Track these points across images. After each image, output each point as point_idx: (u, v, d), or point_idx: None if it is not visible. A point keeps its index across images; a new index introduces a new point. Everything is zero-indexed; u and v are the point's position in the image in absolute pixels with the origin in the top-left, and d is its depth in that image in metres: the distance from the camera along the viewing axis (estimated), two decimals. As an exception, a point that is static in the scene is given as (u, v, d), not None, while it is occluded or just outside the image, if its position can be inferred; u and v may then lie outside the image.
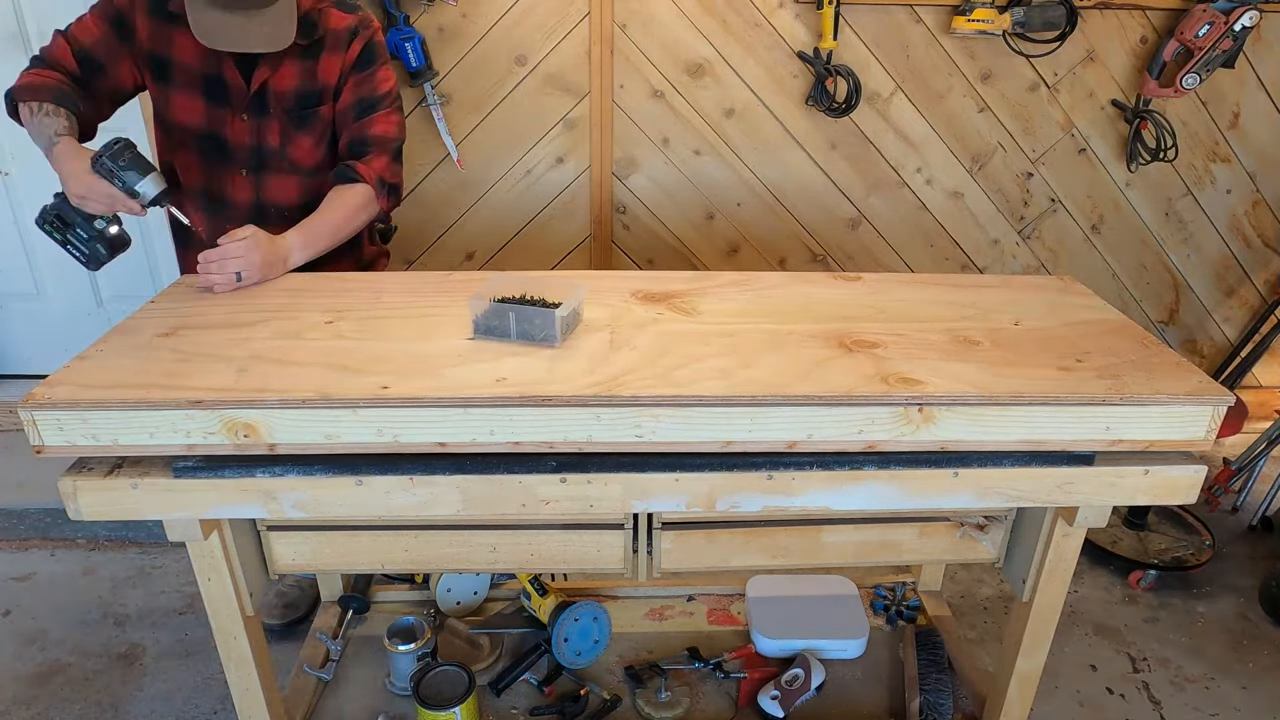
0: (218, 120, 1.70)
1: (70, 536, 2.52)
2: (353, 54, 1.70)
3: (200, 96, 1.68)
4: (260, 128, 1.71)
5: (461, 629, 1.96)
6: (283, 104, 1.70)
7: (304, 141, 1.75)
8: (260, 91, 1.68)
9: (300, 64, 1.69)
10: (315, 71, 1.70)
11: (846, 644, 1.90)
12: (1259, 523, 2.59)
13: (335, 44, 1.69)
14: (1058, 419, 1.24)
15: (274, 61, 1.66)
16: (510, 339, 1.37)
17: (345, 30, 1.69)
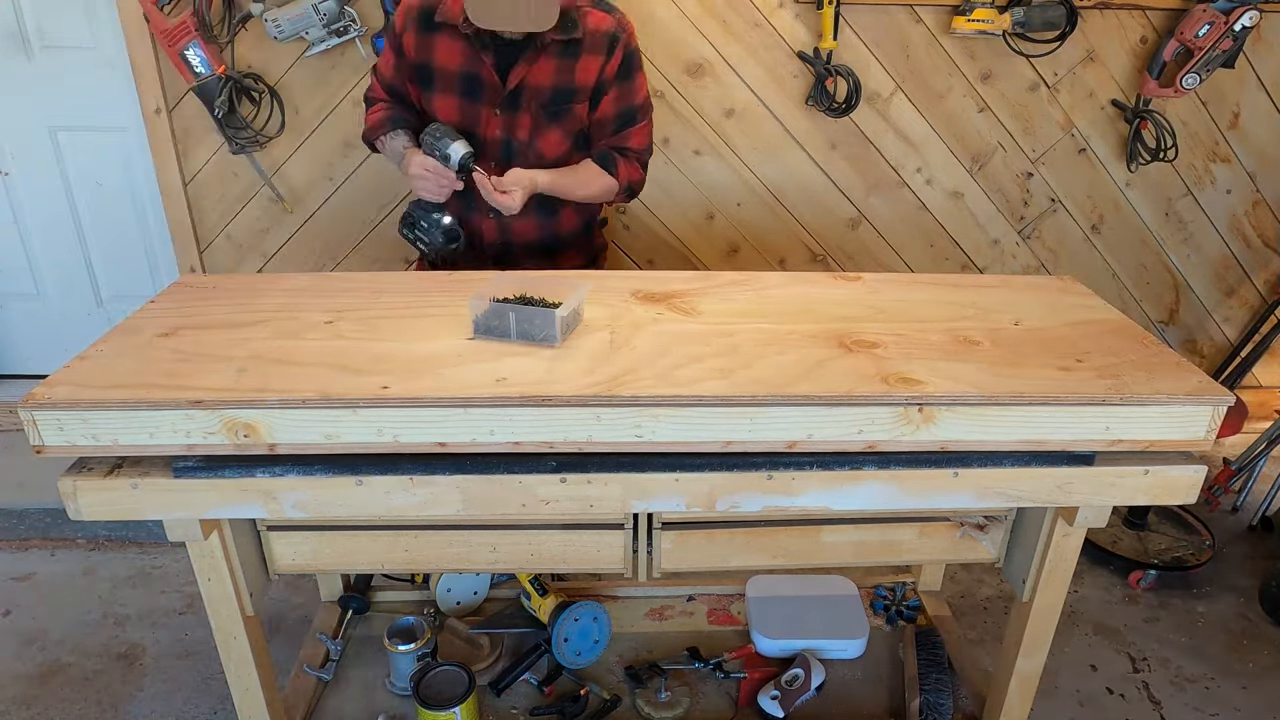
0: (472, 116, 1.78)
1: (70, 536, 2.52)
2: (615, 63, 1.76)
3: (456, 95, 1.77)
4: (511, 122, 1.78)
5: (461, 629, 1.96)
6: (538, 99, 1.76)
7: (553, 135, 1.81)
8: (517, 87, 1.74)
9: (558, 61, 1.73)
10: (573, 70, 1.75)
11: (846, 644, 1.90)
12: (1259, 523, 2.59)
13: (595, 46, 1.74)
14: (1058, 419, 1.24)
15: (532, 58, 1.72)
16: (510, 339, 1.37)
17: (605, 34, 1.74)
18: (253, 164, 2.63)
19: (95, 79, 2.62)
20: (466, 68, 1.74)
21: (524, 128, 1.78)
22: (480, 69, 1.74)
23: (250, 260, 2.82)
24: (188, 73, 2.42)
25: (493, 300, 1.37)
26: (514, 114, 1.77)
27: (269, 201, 2.72)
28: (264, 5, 2.39)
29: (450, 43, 1.73)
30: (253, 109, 2.55)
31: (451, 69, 1.75)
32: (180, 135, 2.61)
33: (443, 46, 1.74)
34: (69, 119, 2.68)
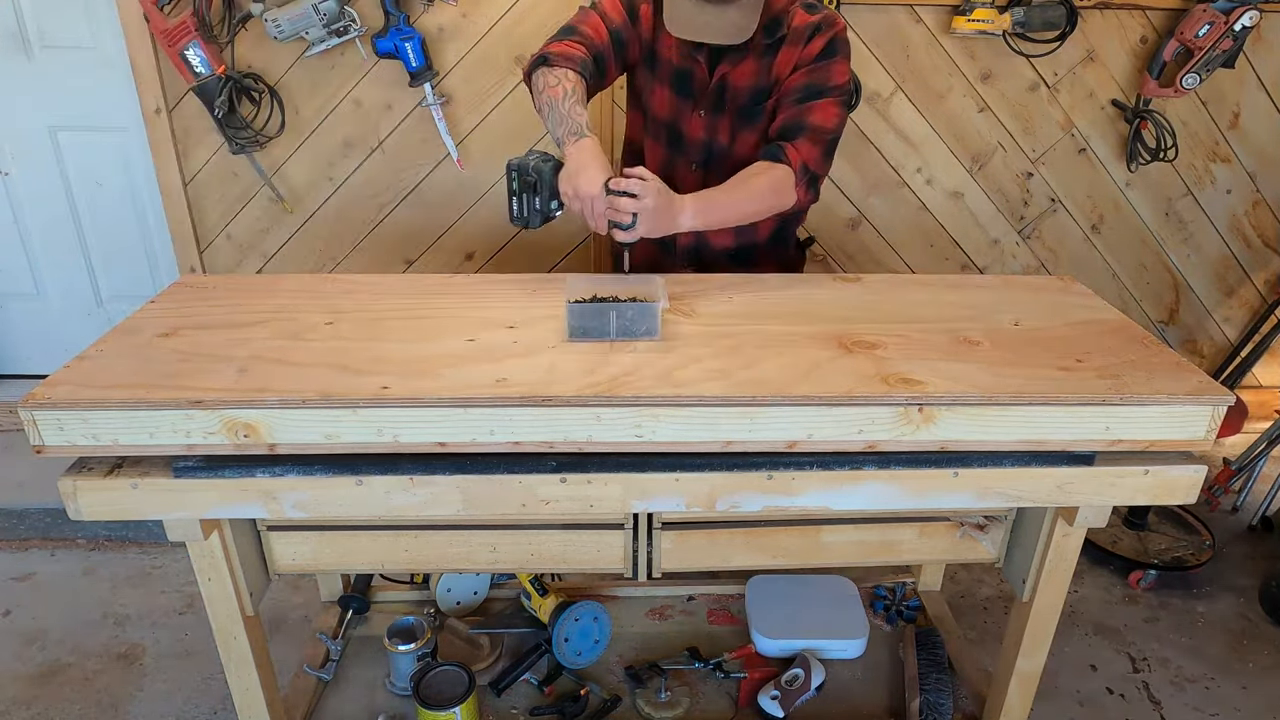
0: (681, 113, 1.74)
1: (70, 536, 2.52)
2: (813, 49, 1.65)
3: (670, 89, 1.73)
4: (714, 124, 1.73)
5: (461, 629, 1.96)
6: (737, 100, 1.70)
7: (750, 138, 1.73)
8: (719, 86, 1.69)
9: (759, 61, 1.67)
10: (771, 67, 1.68)
11: (846, 644, 1.90)
12: (1259, 523, 2.59)
13: (795, 40, 1.66)
14: (1058, 419, 1.24)
15: (735, 58, 1.67)
16: (609, 337, 1.37)
17: (807, 27, 1.65)
18: (253, 164, 2.63)
19: (95, 79, 2.62)
20: (682, 63, 1.70)
21: (724, 131, 1.73)
22: (695, 66, 1.69)
23: (250, 260, 2.82)
24: (188, 73, 2.42)
25: (594, 299, 1.39)
26: (717, 116, 1.72)
27: (269, 201, 2.72)
28: (264, 5, 2.39)
29: (669, 35, 1.66)
30: (253, 109, 2.55)
31: (671, 60, 1.71)
32: (180, 135, 2.61)
33: (667, 36, 1.67)
34: (69, 119, 2.68)
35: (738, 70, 1.68)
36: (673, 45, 1.69)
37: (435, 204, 2.74)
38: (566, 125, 1.55)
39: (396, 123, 2.62)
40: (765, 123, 1.72)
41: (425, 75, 2.48)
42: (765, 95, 1.70)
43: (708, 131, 1.74)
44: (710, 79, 1.69)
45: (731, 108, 1.71)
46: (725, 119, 1.73)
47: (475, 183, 2.71)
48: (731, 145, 1.75)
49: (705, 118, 1.73)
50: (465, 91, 2.59)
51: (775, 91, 1.69)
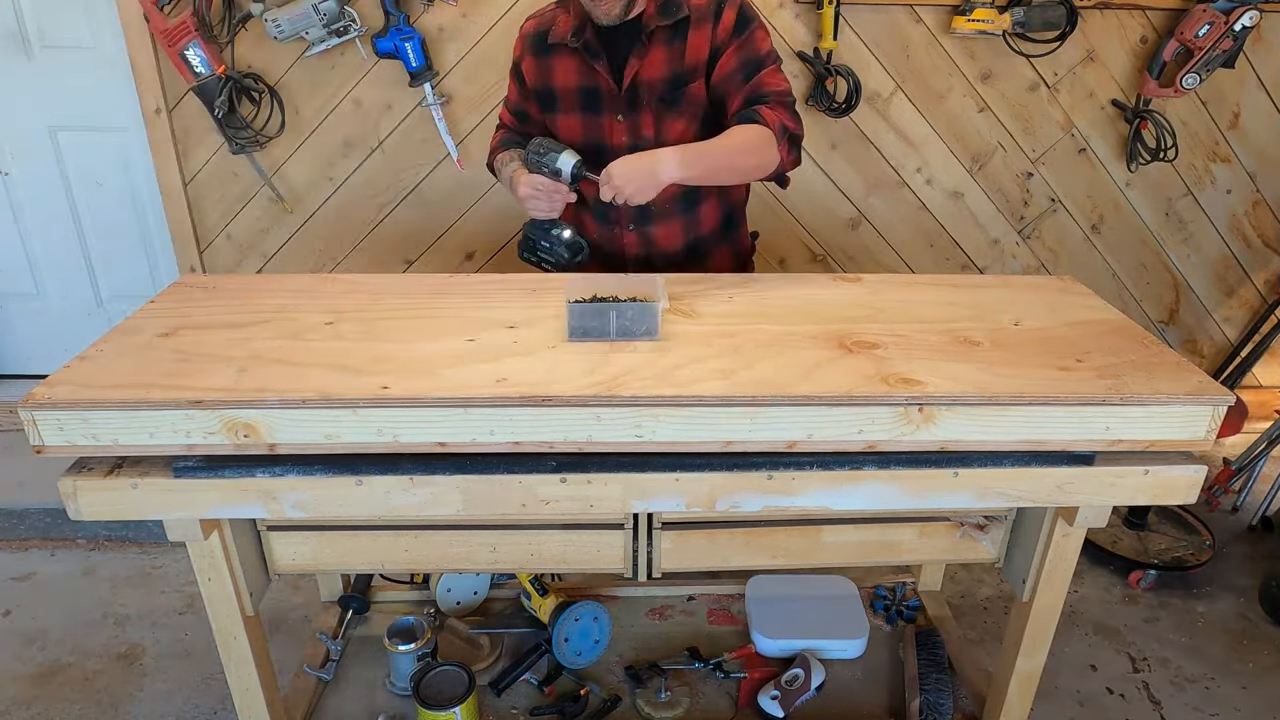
0: (595, 129, 1.76)
1: (70, 536, 2.52)
2: (727, 23, 1.65)
3: (577, 112, 1.76)
4: (635, 124, 1.74)
5: (461, 629, 1.96)
6: (654, 92, 1.70)
7: (677, 125, 1.73)
8: (632, 86, 1.70)
9: (667, 48, 1.68)
10: (683, 51, 1.68)
11: (846, 644, 1.90)
12: (1259, 523, 2.59)
13: (701, 20, 1.66)
14: (1058, 419, 1.24)
15: (642, 52, 1.68)
16: (610, 337, 1.38)
17: (709, 4, 1.66)
18: (253, 164, 2.63)
19: (95, 79, 2.62)
20: (583, 82, 1.73)
21: (647, 125, 1.74)
22: (596, 79, 1.71)
23: (250, 260, 2.82)
24: (188, 73, 2.42)
25: (594, 299, 1.39)
26: (635, 115, 1.73)
27: (269, 201, 2.72)
28: (264, 5, 2.39)
29: (565, 61, 1.72)
30: (253, 109, 2.55)
31: (570, 87, 1.74)
32: (180, 135, 2.61)
33: (560, 66, 1.73)
34: (69, 119, 2.68)
35: (647, 63, 1.68)
36: (568, 70, 1.73)
37: (435, 204, 2.74)
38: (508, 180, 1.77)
39: (396, 123, 2.62)
40: (693, 107, 1.71)
41: (425, 75, 2.48)
42: (684, 80, 1.69)
43: (630, 134, 1.74)
44: (619, 82, 1.70)
45: (649, 101, 1.71)
46: (645, 114, 1.73)
47: (475, 183, 2.71)
48: (659, 136, 1.74)
49: (624, 121, 1.74)
50: (465, 91, 2.59)
51: (696, 76, 1.68)
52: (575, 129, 1.77)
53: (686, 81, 1.69)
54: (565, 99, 1.76)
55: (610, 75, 1.70)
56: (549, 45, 1.74)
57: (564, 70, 1.74)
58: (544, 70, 1.76)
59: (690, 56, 1.68)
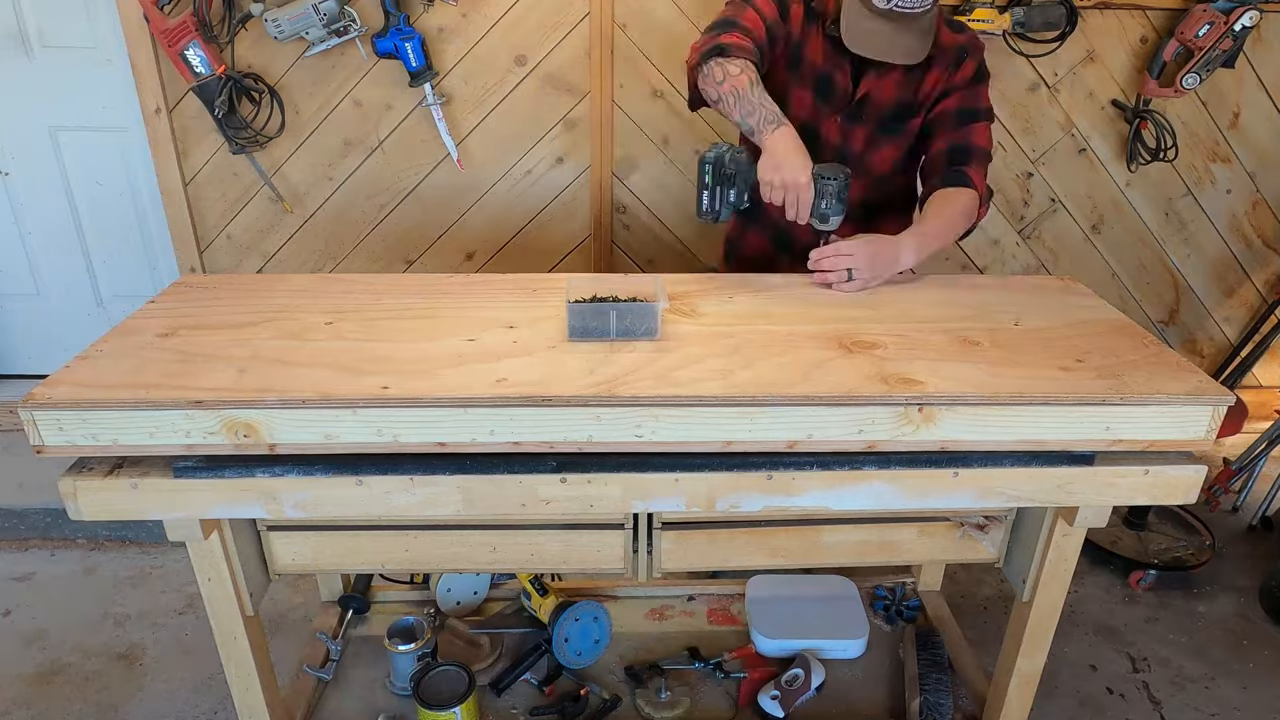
0: (818, 116, 1.75)
1: (70, 536, 2.52)
2: (964, 74, 1.70)
3: (811, 91, 1.74)
4: (849, 131, 1.75)
5: (462, 629, 1.96)
6: (877, 112, 1.72)
7: (886, 150, 1.77)
8: (863, 98, 1.71)
9: (905, 77, 1.70)
10: (918, 85, 1.71)
11: (846, 644, 1.90)
12: (1259, 523, 2.59)
13: (943, 61, 1.69)
14: (1058, 419, 1.24)
15: (882, 71, 1.68)
16: (609, 337, 1.38)
17: (954, 48, 1.69)
18: (253, 164, 2.63)
19: (95, 79, 2.62)
20: (826, 67, 1.71)
21: (860, 139, 1.76)
22: (836, 73, 1.71)
23: (250, 260, 2.82)
24: (188, 73, 2.42)
25: (594, 299, 1.39)
26: (854, 124, 1.74)
27: (269, 201, 2.72)
28: (264, 5, 2.39)
29: (819, 38, 1.70)
30: (253, 109, 2.55)
31: (816, 64, 1.72)
32: (180, 135, 2.61)
33: (814, 39, 1.71)
34: (69, 119, 2.68)
35: (883, 83, 1.70)
36: (819, 49, 1.70)
37: (435, 204, 2.74)
38: (760, 114, 1.57)
39: (396, 123, 2.62)
40: (905, 139, 1.76)
41: (425, 75, 2.48)
42: (910, 112, 1.73)
43: (842, 137, 1.75)
44: (853, 89, 1.71)
45: (871, 119, 1.73)
46: (863, 128, 1.74)
47: (475, 183, 2.71)
48: (865, 153, 1.77)
49: (841, 124, 1.74)
50: (465, 91, 2.59)
51: (920, 110, 1.73)
52: (804, 105, 1.74)
53: (912, 114, 1.73)
54: (808, 72, 1.73)
55: (848, 76, 1.71)
56: (814, 11, 1.70)
57: (815, 46, 1.71)
58: (805, 31, 1.71)
59: (923, 91, 1.71)
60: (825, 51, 1.70)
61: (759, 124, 1.57)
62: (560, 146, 2.68)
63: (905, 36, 1.58)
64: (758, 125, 1.57)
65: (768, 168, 1.56)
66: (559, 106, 2.62)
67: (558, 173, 2.71)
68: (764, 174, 1.56)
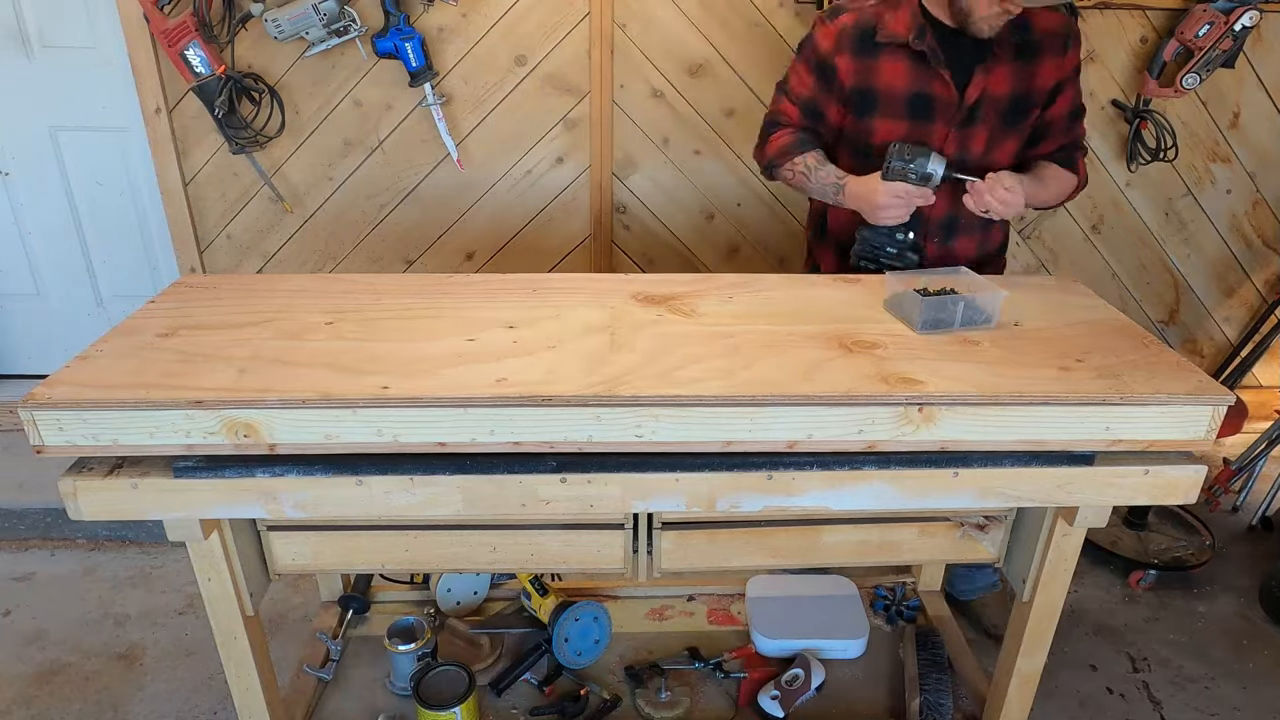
0: (922, 136, 1.70)
1: (70, 536, 2.52)
2: (1073, 60, 1.70)
3: (904, 117, 1.70)
4: (966, 137, 1.71)
5: (462, 629, 1.96)
6: (996, 109, 1.69)
7: (1009, 145, 1.74)
8: (977, 100, 1.67)
9: (1014, 65, 1.66)
10: (1032, 74, 1.68)
11: (846, 644, 1.90)
12: (1259, 523, 2.59)
13: (1053, 48, 1.67)
14: (1058, 419, 1.24)
15: (989, 67, 1.65)
16: (954, 328, 1.43)
17: (1061, 33, 1.67)
18: (253, 164, 2.63)
19: (95, 79, 2.62)
20: (915, 87, 1.67)
21: (979, 141, 1.71)
22: (932, 86, 1.66)
23: (250, 260, 2.82)
24: (188, 73, 2.42)
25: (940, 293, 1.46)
26: (969, 128, 1.70)
27: (269, 201, 2.72)
28: (264, 5, 2.39)
29: (895, 63, 1.66)
30: (253, 109, 2.55)
31: (898, 90, 1.67)
32: (180, 135, 2.61)
33: (887, 67, 1.66)
34: (69, 119, 2.68)
35: (994, 78, 1.66)
36: (897, 72, 1.66)
37: (435, 204, 2.74)
38: (828, 189, 1.74)
39: (396, 123, 2.62)
40: (1025, 130, 1.74)
41: (425, 75, 2.48)
42: (1029, 103, 1.70)
43: (959, 145, 1.71)
44: (960, 95, 1.66)
45: (990, 117, 1.69)
46: (982, 130, 1.70)
47: (475, 183, 2.71)
48: (987, 154, 1.73)
49: (956, 132, 1.70)
50: (465, 91, 2.59)
51: (1038, 103, 1.71)
52: (898, 134, 1.70)
53: (1031, 105, 1.71)
54: (890, 102, 1.69)
55: (952, 84, 1.66)
56: (876, 44, 1.66)
57: (892, 72, 1.67)
58: (867, 70, 1.68)
59: (1039, 81, 1.68)
60: (910, 72, 1.66)
61: (832, 197, 1.74)
62: (560, 146, 2.68)
63: None
64: (832, 198, 1.74)
65: (868, 214, 1.68)
66: (559, 106, 2.62)
67: (558, 173, 2.71)
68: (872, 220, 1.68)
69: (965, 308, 1.43)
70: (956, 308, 1.43)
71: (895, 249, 1.69)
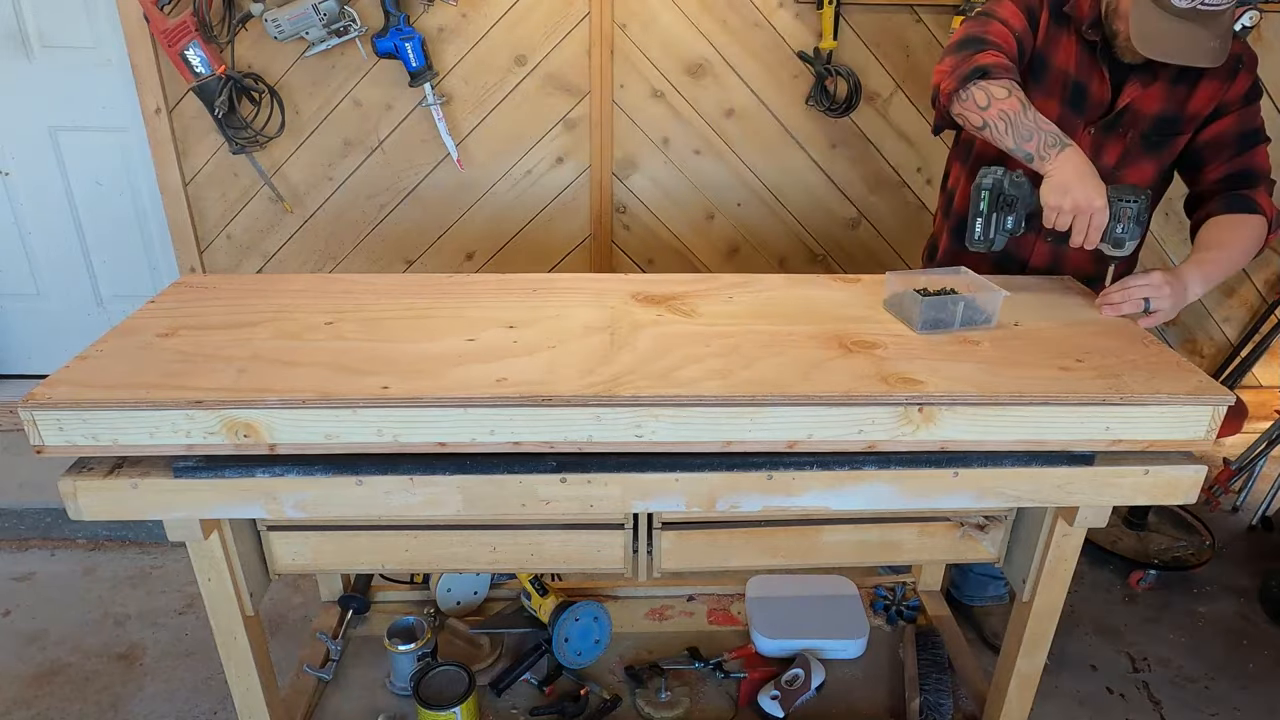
0: (1066, 128, 1.55)
1: (70, 536, 2.52)
2: (1240, 88, 1.58)
3: (1059, 101, 1.62)
4: (1102, 144, 1.63)
5: (462, 629, 1.96)
6: (1138, 126, 1.60)
7: (1145, 167, 1.65)
8: (1123, 109, 1.59)
9: (1171, 88, 1.58)
10: (1186, 99, 1.58)
11: (846, 644, 1.90)
12: (1259, 523, 2.59)
13: (1217, 71, 1.55)
14: (1058, 419, 1.24)
15: (1147, 80, 1.57)
16: (953, 328, 1.43)
17: (1230, 59, 1.53)
18: (253, 164, 2.63)
19: (95, 79, 2.62)
20: (1079, 75, 1.59)
21: (1113, 153, 1.63)
22: (1092, 81, 1.59)
23: (250, 260, 2.82)
24: (188, 73, 2.42)
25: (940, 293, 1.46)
26: (1107, 136, 1.62)
27: (269, 201, 2.72)
28: (264, 5, 2.39)
29: (1070, 42, 1.58)
30: (253, 109, 2.55)
31: (1066, 71, 1.60)
32: (180, 135, 2.62)
33: (1064, 44, 1.59)
34: (69, 119, 2.68)
35: (1148, 94, 1.58)
36: (1071, 55, 1.59)
37: (435, 204, 2.74)
38: (1039, 138, 1.46)
39: (396, 123, 2.63)
40: (1168, 156, 1.64)
41: (425, 75, 2.48)
42: (1175, 128, 1.60)
43: (1093, 150, 1.61)
44: (1111, 98, 1.60)
45: (1130, 131, 1.61)
46: (1119, 142, 1.62)
47: (475, 183, 2.71)
48: (1118, 169, 1.65)
49: (1093, 136, 1.62)
50: (465, 91, 2.59)
51: (1187, 128, 1.60)
52: (1049, 115, 1.57)
53: (1178, 131, 1.61)
54: (1055, 80, 1.61)
55: (1108, 84, 1.59)
56: (1064, 14, 1.59)
57: (1067, 51, 1.59)
58: (1051, 38, 1.60)
59: (1193, 106, 1.59)
60: (1079, 58, 1.59)
61: (1039, 148, 1.46)
62: (560, 146, 2.68)
63: (1205, 36, 1.43)
64: (1038, 150, 1.47)
65: (1055, 192, 1.45)
66: (559, 106, 2.62)
67: (558, 173, 2.71)
68: (1051, 199, 1.45)
69: (965, 307, 1.43)
70: (956, 308, 1.43)
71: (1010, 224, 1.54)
